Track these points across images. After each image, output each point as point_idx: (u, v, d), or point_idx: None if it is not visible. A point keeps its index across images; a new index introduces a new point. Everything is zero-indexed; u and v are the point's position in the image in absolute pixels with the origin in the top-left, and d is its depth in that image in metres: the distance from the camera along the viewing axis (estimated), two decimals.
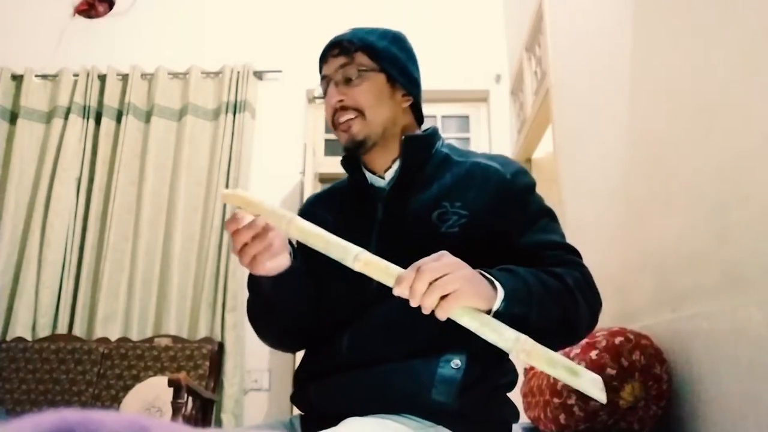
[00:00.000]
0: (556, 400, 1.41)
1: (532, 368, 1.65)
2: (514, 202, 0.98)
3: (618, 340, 1.37)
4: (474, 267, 0.79)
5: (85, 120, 3.43)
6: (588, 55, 2.17)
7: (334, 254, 0.79)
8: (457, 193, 0.99)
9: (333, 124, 1.06)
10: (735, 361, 1.16)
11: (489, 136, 3.53)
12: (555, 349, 0.76)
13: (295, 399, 1.02)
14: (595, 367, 1.33)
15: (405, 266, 0.75)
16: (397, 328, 0.92)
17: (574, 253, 0.97)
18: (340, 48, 1.05)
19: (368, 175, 1.08)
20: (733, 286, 1.20)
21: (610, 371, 1.32)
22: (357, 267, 0.77)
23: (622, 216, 1.82)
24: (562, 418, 1.39)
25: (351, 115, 1.02)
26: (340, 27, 1.11)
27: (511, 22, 3.54)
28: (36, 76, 3.54)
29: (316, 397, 0.95)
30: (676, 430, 1.37)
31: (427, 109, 1.17)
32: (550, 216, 1.01)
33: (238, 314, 3.08)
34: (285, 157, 3.43)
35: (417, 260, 0.75)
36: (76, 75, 3.51)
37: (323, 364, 0.97)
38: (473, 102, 3.62)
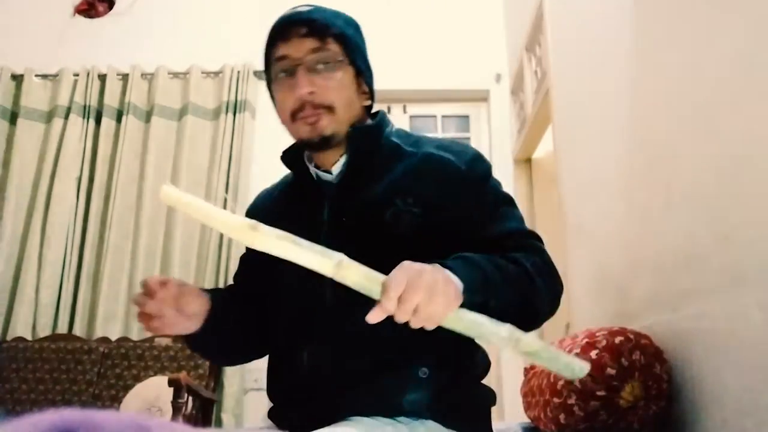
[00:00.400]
0: (556, 400, 1.41)
1: (532, 368, 1.65)
2: (471, 194, 0.94)
3: (618, 339, 1.37)
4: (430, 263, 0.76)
5: (86, 120, 3.42)
6: (588, 55, 2.17)
7: (311, 266, 0.71)
8: (409, 188, 0.93)
9: (293, 115, 0.95)
10: (735, 361, 1.16)
11: (489, 136, 3.53)
12: None
13: (272, 417, 0.99)
14: (595, 366, 1.33)
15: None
16: (360, 344, 0.88)
17: (535, 237, 0.95)
18: (309, 28, 0.93)
19: (313, 170, 1.01)
20: (733, 286, 1.20)
21: (610, 371, 1.32)
22: (339, 278, 0.72)
23: (622, 216, 1.82)
24: (562, 417, 1.39)
25: (318, 111, 0.93)
26: None
27: (511, 22, 3.54)
28: (36, 75, 3.54)
29: (294, 421, 0.92)
30: (676, 430, 1.37)
31: (427, 108, 1.15)
32: (507, 203, 0.98)
33: None
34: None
35: (370, 264, 0.73)
36: (76, 75, 3.51)
37: (285, 385, 0.94)
38: (473, 102, 3.61)
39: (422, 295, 0.70)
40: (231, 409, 2.93)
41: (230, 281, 3.51)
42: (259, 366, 3.37)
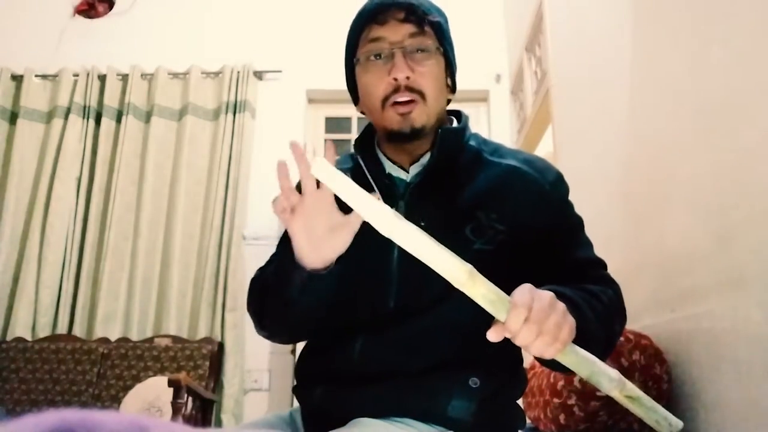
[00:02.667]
0: (556, 400, 1.41)
1: (532, 368, 1.65)
2: (553, 216, 0.91)
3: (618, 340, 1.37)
4: (508, 284, 0.73)
5: (85, 120, 3.43)
6: (588, 55, 2.17)
7: (441, 269, 0.67)
8: (492, 202, 0.90)
9: (383, 101, 0.90)
10: (735, 361, 1.16)
11: (489, 136, 3.52)
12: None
13: (298, 394, 0.97)
14: None
15: (433, 281, 0.68)
16: (417, 343, 0.87)
17: (604, 267, 0.94)
18: (408, 12, 0.89)
19: (388, 164, 0.96)
20: (733, 286, 1.20)
21: None
22: (466, 288, 0.67)
23: (621, 216, 1.82)
24: (562, 418, 1.39)
25: (413, 96, 0.89)
26: (341, 27, 1.05)
27: (511, 22, 3.54)
28: (36, 76, 3.54)
29: (324, 402, 0.90)
30: None
31: None
32: (581, 227, 0.96)
33: (238, 314, 3.08)
34: (285, 157, 3.42)
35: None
36: (76, 75, 3.51)
37: (332, 368, 0.91)
38: (473, 102, 3.62)
39: (550, 320, 0.68)
40: (231, 410, 2.93)
41: (230, 282, 3.45)
42: (259, 366, 3.36)
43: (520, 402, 0.97)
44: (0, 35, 3.66)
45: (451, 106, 1.05)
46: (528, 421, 1.65)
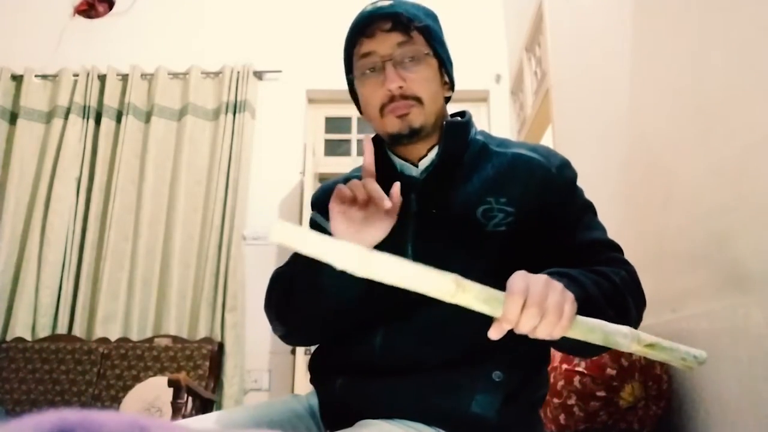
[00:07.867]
0: (555, 400, 1.41)
1: None
2: (560, 198, 0.93)
3: None
4: (520, 266, 0.73)
5: (85, 120, 3.43)
6: (588, 55, 2.17)
7: (428, 287, 0.66)
8: (501, 187, 0.92)
9: (381, 109, 0.94)
10: (735, 361, 1.16)
11: None
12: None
13: (317, 385, 0.97)
14: (595, 367, 1.33)
15: (448, 267, 0.67)
16: (437, 334, 0.87)
17: (618, 249, 0.94)
18: (394, 22, 0.92)
19: (398, 161, 0.99)
20: (733, 286, 1.20)
21: (610, 371, 1.32)
22: (458, 298, 0.66)
23: (621, 216, 1.82)
24: (562, 418, 1.39)
25: (409, 104, 0.93)
26: (341, 27, 1.05)
27: (511, 22, 3.54)
28: (36, 76, 3.54)
29: (344, 394, 0.90)
30: (676, 430, 1.37)
31: None
32: (592, 211, 0.97)
33: (238, 314, 3.08)
34: (285, 157, 3.43)
35: (460, 260, 0.68)
36: (76, 75, 3.51)
37: (353, 360, 0.91)
38: (473, 102, 3.62)
39: (549, 300, 0.67)
40: None
41: (230, 282, 3.44)
42: (259, 366, 3.35)
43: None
44: (0, 35, 3.66)
45: (451, 106, 1.05)
46: None
